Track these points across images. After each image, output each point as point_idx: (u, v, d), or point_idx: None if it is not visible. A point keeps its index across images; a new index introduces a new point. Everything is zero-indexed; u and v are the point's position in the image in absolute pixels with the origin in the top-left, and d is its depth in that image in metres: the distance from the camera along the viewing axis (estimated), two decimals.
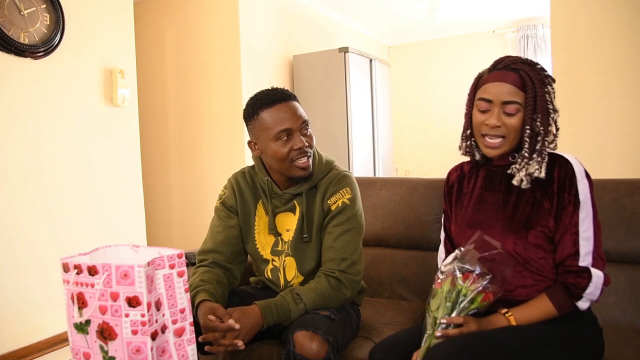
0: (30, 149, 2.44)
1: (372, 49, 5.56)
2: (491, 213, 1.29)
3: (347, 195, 1.46)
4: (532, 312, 1.19)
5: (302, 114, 1.43)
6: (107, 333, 1.12)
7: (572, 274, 1.18)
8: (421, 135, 6.12)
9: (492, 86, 1.23)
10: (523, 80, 1.20)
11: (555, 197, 1.21)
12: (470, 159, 1.41)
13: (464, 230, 1.33)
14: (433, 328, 1.17)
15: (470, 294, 1.13)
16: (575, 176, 1.20)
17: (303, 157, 1.41)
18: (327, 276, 1.40)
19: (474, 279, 1.14)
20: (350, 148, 4.00)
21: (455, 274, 1.16)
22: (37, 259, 2.45)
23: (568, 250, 1.19)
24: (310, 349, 1.22)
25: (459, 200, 1.39)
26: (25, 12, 2.38)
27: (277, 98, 1.40)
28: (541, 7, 4.84)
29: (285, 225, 1.51)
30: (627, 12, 2.98)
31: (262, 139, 1.43)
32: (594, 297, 1.18)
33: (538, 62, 1.25)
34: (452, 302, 1.15)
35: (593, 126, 3.07)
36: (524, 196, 1.24)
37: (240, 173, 1.57)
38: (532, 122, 1.20)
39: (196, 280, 1.41)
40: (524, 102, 1.21)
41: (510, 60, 1.23)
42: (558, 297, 1.18)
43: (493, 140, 1.24)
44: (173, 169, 4.02)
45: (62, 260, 1.19)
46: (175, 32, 3.90)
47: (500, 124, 1.22)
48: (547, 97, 1.21)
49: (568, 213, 1.19)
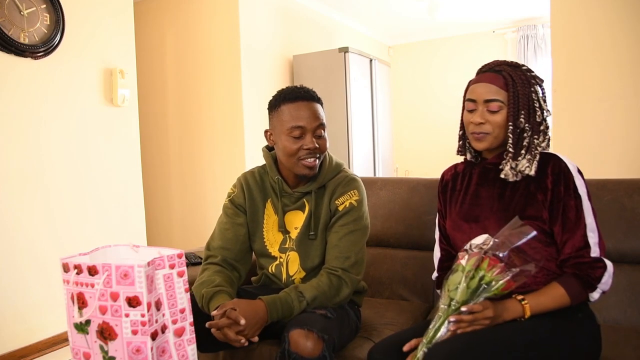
0: (30, 149, 2.44)
1: (372, 49, 5.56)
2: (486, 207, 1.33)
3: (355, 197, 1.50)
4: (546, 300, 1.20)
5: (320, 116, 1.48)
6: (107, 333, 1.13)
7: (586, 265, 1.20)
8: (421, 135, 6.11)
9: (477, 87, 1.32)
10: (505, 80, 1.27)
11: (550, 191, 1.25)
12: (464, 159, 1.46)
13: (459, 224, 1.37)
14: (447, 310, 1.15)
15: (495, 284, 1.13)
16: (570, 172, 1.25)
17: (311, 157, 1.45)
18: (329, 274, 1.42)
19: (501, 268, 1.13)
20: (350, 148, 4.00)
21: (482, 256, 1.14)
22: (37, 259, 2.45)
23: (578, 243, 1.22)
24: (305, 347, 1.23)
25: (452, 196, 1.44)
26: (25, 12, 2.38)
27: (300, 96, 1.47)
28: (541, 7, 4.84)
29: (294, 223, 1.54)
30: (627, 12, 2.98)
31: (277, 130, 1.48)
32: (607, 286, 1.21)
33: (525, 65, 1.33)
34: (474, 288, 1.13)
35: (593, 126, 3.07)
36: (519, 189, 1.29)
37: (250, 172, 1.61)
38: (515, 119, 1.26)
39: (212, 278, 1.43)
40: (506, 100, 1.27)
41: (495, 64, 1.33)
42: (573, 287, 1.20)
43: (478, 135, 1.31)
44: (173, 169, 4.02)
45: (62, 260, 1.19)
46: (175, 32, 3.90)
47: (484, 121, 1.29)
48: (534, 96, 1.27)
49: (571, 208, 1.23)
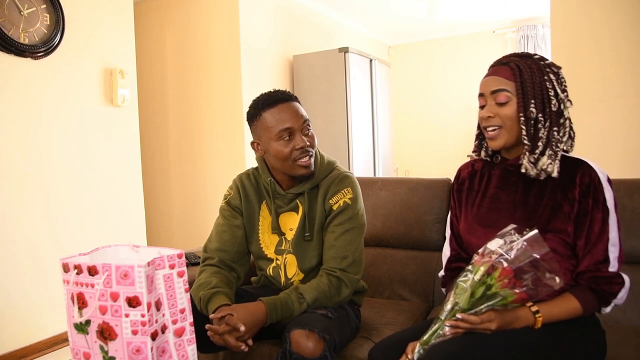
0: (30, 149, 2.44)
1: (372, 49, 5.55)
2: (506, 212, 1.27)
3: (348, 195, 1.48)
4: (560, 312, 1.15)
5: (303, 113, 1.46)
6: (107, 333, 1.12)
7: (603, 279, 1.16)
8: (421, 135, 6.11)
9: (484, 81, 1.28)
10: (512, 70, 1.22)
11: (577, 202, 1.19)
12: (480, 158, 1.40)
13: (475, 228, 1.31)
14: (450, 312, 1.11)
15: (499, 297, 1.08)
16: (601, 184, 1.19)
17: (305, 156, 1.44)
18: (328, 275, 1.42)
19: (511, 281, 1.07)
20: (350, 148, 4.00)
21: (495, 265, 1.08)
22: (37, 259, 2.45)
23: (598, 257, 1.17)
24: (306, 347, 1.23)
25: (469, 197, 1.37)
26: (25, 12, 2.38)
27: (279, 98, 1.45)
28: (541, 7, 4.84)
29: (289, 225, 1.53)
30: (627, 12, 2.98)
31: (264, 138, 1.46)
32: (622, 301, 1.18)
33: (537, 54, 1.25)
34: (478, 296, 1.09)
35: (593, 126, 3.07)
36: (544, 198, 1.22)
37: (245, 174, 1.60)
38: (525, 109, 1.20)
39: (209, 279, 1.43)
40: (515, 90, 1.21)
41: (504, 57, 1.28)
42: (588, 301, 1.16)
43: (491, 132, 1.26)
44: (173, 169, 4.02)
45: (62, 260, 1.19)
46: (175, 32, 3.90)
47: (493, 114, 1.24)
48: (548, 84, 1.20)
49: (597, 221, 1.17)
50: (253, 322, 1.28)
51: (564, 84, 1.23)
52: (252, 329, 1.28)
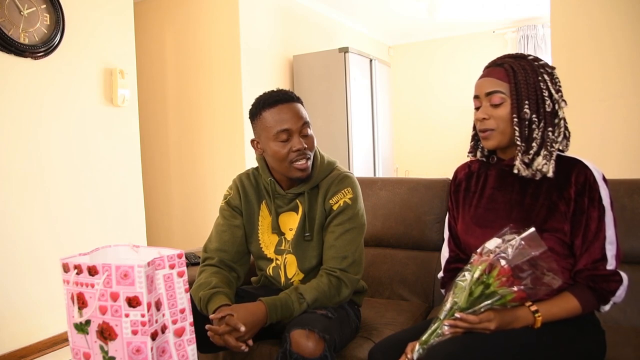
0: (30, 149, 2.44)
1: (372, 49, 5.55)
2: (503, 213, 1.27)
3: (348, 195, 1.48)
4: (559, 312, 1.16)
5: (303, 115, 1.45)
6: (107, 333, 1.13)
7: (601, 277, 1.17)
8: (421, 135, 6.11)
9: (479, 82, 1.28)
10: (506, 71, 1.22)
11: (573, 201, 1.19)
12: (476, 159, 1.40)
13: (473, 229, 1.32)
14: (449, 312, 1.12)
15: (497, 296, 1.09)
16: (596, 182, 1.19)
17: (302, 159, 1.44)
18: (328, 275, 1.41)
19: (509, 280, 1.08)
20: (350, 148, 4.00)
21: (493, 264, 1.08)
22: (37, 259, 2.45)
23: (595, 255, 1.17)
24: (306, 347, 1.23)
25: (466, 198, 1.38)
26: (25, 12, 2.38)
27: (280, 99, 1.44)
28: (541, 7, 4.84)
29: (289, 225, 1.53)
30: (627, 12, 2.98)
31: (263, 138, 1.46)
32: (620, 299, 1.18)
33: (531, 55, 1.26)
34: (476, 295, 1.09)
35: (593, 126, 3.07)
36: (540, 198, 1.23)
37: (245, 174, 1.60)
38: (519, 110, 1.20)
39: (209, 279, 1.43)
40: (509, 91, 1.22)
41: (498, 58, 1.28)
42: (587, 299, 1.16)
43: (484, 132, 1.27)
44: (173, 169, 4.02)
45: (62, 260, 1.19)
46: (175, 32, 3.90)
47: (487, 116, 1.24)
48: (542, 85, 1.20)
49: (594, 219, 1.18)
50: (253, 322, 1.28)
51: (559, 84, 1.23)
52: (252, 329, 1.28)
